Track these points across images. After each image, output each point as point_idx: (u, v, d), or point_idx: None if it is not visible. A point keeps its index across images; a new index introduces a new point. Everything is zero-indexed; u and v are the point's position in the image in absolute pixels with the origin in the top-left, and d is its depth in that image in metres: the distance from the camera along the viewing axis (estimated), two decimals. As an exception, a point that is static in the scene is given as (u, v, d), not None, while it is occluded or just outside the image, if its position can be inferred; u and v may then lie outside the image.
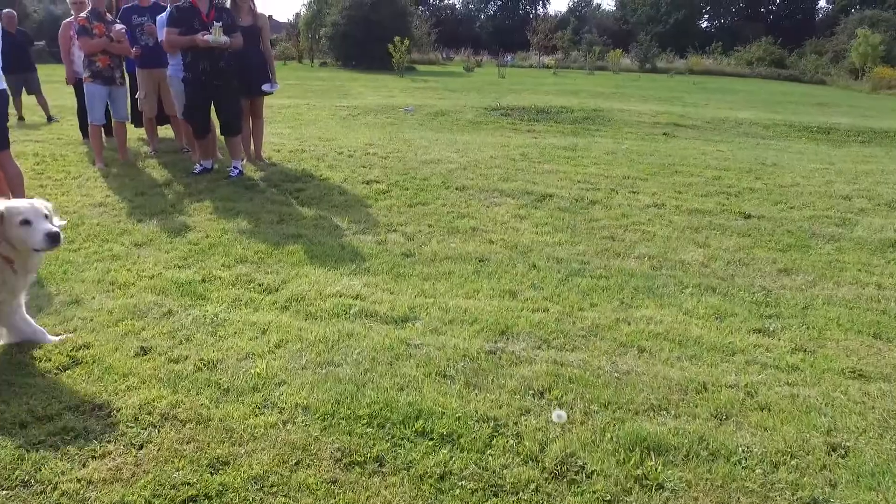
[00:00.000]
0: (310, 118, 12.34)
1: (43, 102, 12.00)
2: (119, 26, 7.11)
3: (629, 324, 3.62)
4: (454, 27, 65.93)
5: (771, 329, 3.68)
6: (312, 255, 4.68)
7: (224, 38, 6.38)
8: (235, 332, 3.44)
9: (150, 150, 8.26)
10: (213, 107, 6.86)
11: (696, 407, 2.75)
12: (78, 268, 4.41)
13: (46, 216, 3.04)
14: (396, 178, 6.94)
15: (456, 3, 71.91)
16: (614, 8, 71.13)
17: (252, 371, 3.03)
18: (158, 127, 8.57)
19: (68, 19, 8.71)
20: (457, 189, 6.55)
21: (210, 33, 6.33)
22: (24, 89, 11.74)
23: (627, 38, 59.65)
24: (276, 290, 4.04)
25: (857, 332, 3.71)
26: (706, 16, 63.76)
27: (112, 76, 7.27)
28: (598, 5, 73.01)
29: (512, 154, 8.43)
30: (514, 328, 3.50)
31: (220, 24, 6.36)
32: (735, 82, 36.77)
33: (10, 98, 6.43)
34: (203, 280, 4.19)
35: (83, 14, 7.15)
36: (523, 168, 7.55)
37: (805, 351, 3.42)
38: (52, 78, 13.18)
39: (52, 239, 2.96)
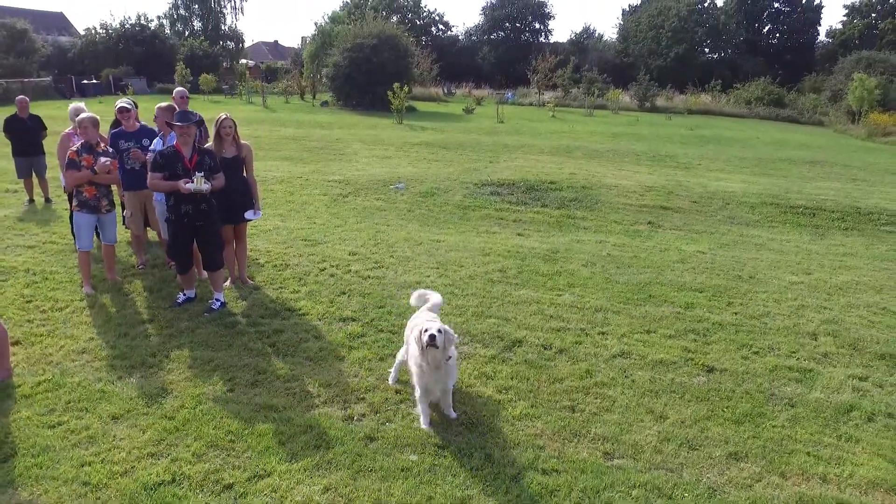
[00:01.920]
0: (300, 201, 12.60)
1: (44, 185, 12.35)
2: (104, 159, 7.36)
3: (568, 558, 3.79)
4: (457, 59, 66.66)
5: (706, 558, 3.85)
6: (280, 440, 4.87)
7: (205, 186, 6.63)
8: (192, 569, 3.62)
9: (138, 264, 8.50)
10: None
11: None
12: (54, 458, 4.61)
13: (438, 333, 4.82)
14: (373, 313, 7.15)
15: (459, 34, 72.70)
16: (616, 39, 71.78)
17: None
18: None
19: (68, 130, 9.01)
20: (430, 331, 6.73)
21: (192, 181, 6.57)
22: (34, 172, 12.09)
23: (628, 72, 60.32)
24: (241, 497, 4.23)
25: (790, 560, 3.87)
26: (706, 49, 64.27)
27: (98, 205, 7.52)
28: (601, 36, 73.64)
29: (491, 271, 8.65)
30: (457, 567, 3.68)
31: (202, 173, 6.61)
32: (732, 126, 37.12)
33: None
34: (173, 481, 4.39)
35: (74, 147, 7.42)
36: (498, 297, 7.75)
37: None
38: (59, 111, 13.23)
39: None
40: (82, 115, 7.52)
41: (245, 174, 7.76)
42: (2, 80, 35.11)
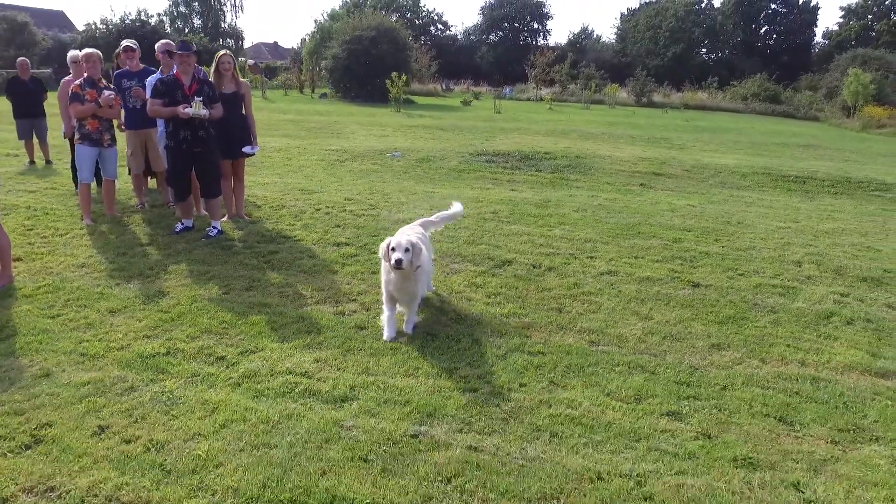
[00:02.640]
0: (298, 164, 12.75)
1: (45, 147, 12.46)
2: (108, 93, 7.52)
3: (550, 406, 3.94)
4: (455, 58, 66.88)
5: (683, 412, 4.00)
6: (273, 326, 5.02)
7: (204, 111, 6.79)
8: (187, 411, 3.77)
9: (137, 204, 8.64)
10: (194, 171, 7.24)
11: (585, 496, 3.07)
12: (53, 337, 4.75)
13: (407, 249, 4.72)
14: (366, 240, 7.30)
15: (457, 34, 73.02)
16: (614, 40, 72.13)
17: (195, 452, 3.36)
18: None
19: (68, 77, 9.18)
20: (422, 252, 6.89)
21: (190, 106, 6.74)
22: (34, 134, 12.20)
23: (626, 71, 60.51)
24: (233, 365, 4.37)
25: (765, 416, 4.02)
26: (704, 49, 64.56)
27: (100, 139, 7.67)
28: (599, 37, 73.97)
29: (484, 212, 8.80)
30: (442, 410, 3.83)
31: (201, 98, 6.77)
32: (728, 119, 37.32)
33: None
34: (167, 353, 4.53)
35: (77, 81, 7.57)
36: (490, 230, 7.91)
37: (708, 437, 3.73)
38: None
39: None
40: (88, 50, 7.69)
41: (244, 111, 7.90)
42: (2, 71, 35.27)
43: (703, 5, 66.33)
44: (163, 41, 8.21)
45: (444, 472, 3.23)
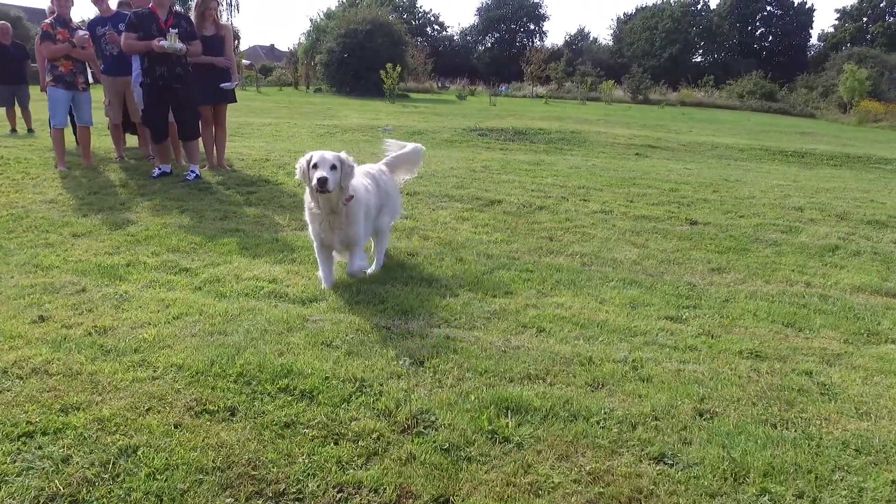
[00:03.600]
0: (288, 134, 12.45)
1: (27, 115, 12.10)
2: (82, 32, 7.21)
3: (537, 308, 3.63)
4: (451, 58, 66.78)
5: (683, 317, 3.69)
6: (245, 246, 4.71)
7: (180, 45, 6.48)
8: (139, 307, 3.45)
9: (115, 156, 8.31)
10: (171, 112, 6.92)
11: (574, 377, 2.75)
12: (8, 253, 4.43)
13: (333, 166, 3.64)
14: (350, 183, 6.97)
15: (454, 35, 72.89)
16: (611, 42, 72.10)
17: (140, 337, 3.04)
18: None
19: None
20: (407, 194, 6.58)
21: (166, 39, 6.42)
22: (16, 101, 11.85)
23: (622, 71, 60.43)
24: (196, 275, 4.05)
25: (771, 322, 3.71)
26: (700, 51, 64.51)
27: (74, 81, 7.35)
28: (595, 39, 73.93)
29: (474, 166, 8.50)
30: (419, 309, 3.51)
31: (177, 31, 6.46)
32: (724, 114, 37.15)
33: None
34: (127, 265, 4.21)
35: (48, 20, 7.26)
36: (481, 178, 7.60)
37: (710, 335, 3.42)
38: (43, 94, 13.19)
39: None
40: (58, -13, 7.37)
41: (225, 54, 7.58)
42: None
43: (699, 7, 66.32)
44: None
45: (416, 355, 2.91)
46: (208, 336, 3.05)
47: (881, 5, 65.25)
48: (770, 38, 68.54)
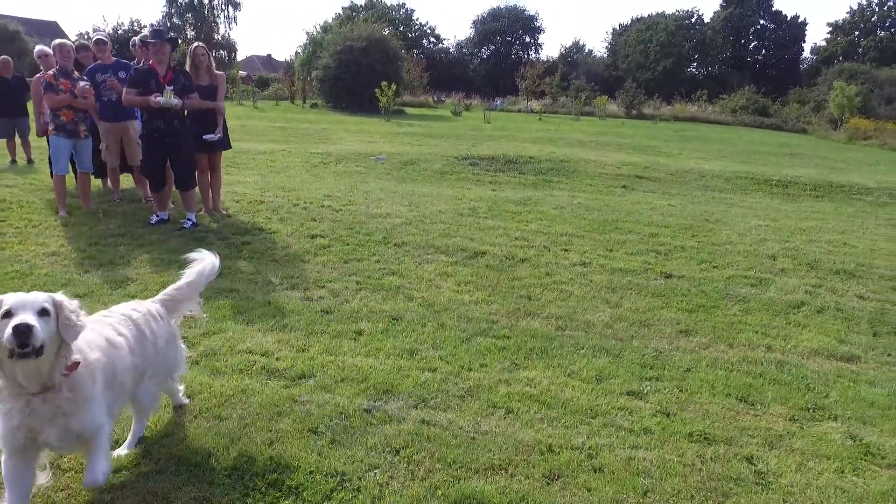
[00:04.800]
0: (281, 165, 12.73)
1: (27, 146, 12.39)
2: (83, 83, 7.50)
3: (509, 385, 3.91)
4: (447, 70, 67.19)
5: (644, 392, 3.97)
6: (238, 310, 4.98)
7: (175, 101, 6.77)
8: (141, 387, 3.71)
9: (114, 198, 8.59)
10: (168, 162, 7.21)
11: (533, 468, 3.03)
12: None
13: (44, 311, 2.31)
14: (342, 232, 7.27)
15: (450, 47, 73.37)
16: (605, 55, 72.60)
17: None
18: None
19: (39, 74, 9.13)
20: (395, 245, 6.88)
21: (162, 96, 6.72)
22: (16, 133, 12.15)
23: (616, 84, 60.92)
24: (194, 345, 4.32)
25: (726, 396, 4.00)
26: (694, 64, 65.00)
27: (76, 129, 7.63)
28: (590, 52, 74.45)
29: (461, 208, 8.80)
30: (399, 387, 3.79)
31: (172, 87, 6.76)
32: (716, 130, 37.56)
33: None
34: (127, 334, 4.48)
35: (50, 71, 7.54)
36: (467, 224, 7.89)
37: (666, 414, 3.71)
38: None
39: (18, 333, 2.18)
40: (60, 40, 7.67)
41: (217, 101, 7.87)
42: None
43: (692, 20, 66.88)
44: (141, 34, 8.18)
45: (393, 443, 3.19)
46: (205, 422, 3.32)
47: (872, 19, 65.91)
48: (763, 51, 69.14)
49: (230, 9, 63.39)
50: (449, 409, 3.60)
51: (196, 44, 7.71)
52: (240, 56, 74.77)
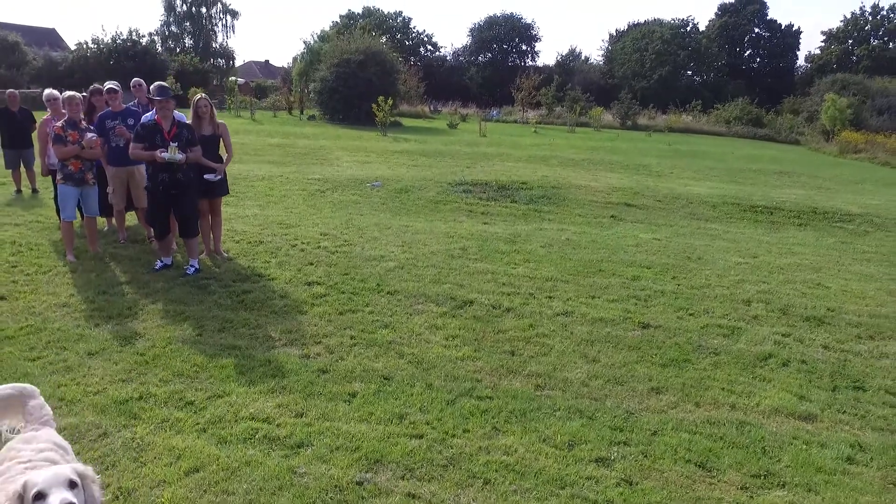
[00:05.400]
0: (280, 194, 13.11)
1: (32, 175, 12.80)
2: (91, 135, 7.87)
3: (488, 452, 4.29)
4: (444, 78, 67.62)
5: (612, 458, 4.35)
6: (241, 370, 5.36)
7: (179, 156, 7.16)
8: (155, 458, 4.09)
9: (119, 238, 8.97)
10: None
11: (506, 545, 3.41)
12: (34, 381, 5.06)
13: (73, 484, 2.49)
14: (337, 279, 7.65)
15: (447, 55, 73.80)
16: (602, 62, 73.02)
17: (160, 500, 3.68)
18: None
19: (46, 116, 9.55)
20: (388, 293, 7.26)
21: (166, 151, 7.11)
22: (21, 163, 12.56)
23: (613, 93, 61.41)
24: (201, 410, 4.70)
25: (686, 462, 4.38)
26: (689, 72, 65.46)
27: (83, 178, 8.00)
28: (587, 59, 74.93)
29: (453, 248, 9.18)
30: (389, 456, 4.17)
31: (176, 144, 7.15)
32: (710, 142, 38.03)
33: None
34: (140, 398, 4.86)
35: (59, 123, 7.92)
36: (457, 268, 8.27)
37: (630, 483, 4.09)
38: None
39: None
40: (69, 93, 8.04)
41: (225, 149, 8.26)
42: (-7, 90, 35.49)
43: (688, 29, 67.40)
44: (155, 85, 8.51)
45: (382, 518, 3.57)
46: (215, 497, 3.70)
47: (866, 28, 66.50)
48: (758, 59, 69.69)
49: (228, 17, 63.79)
50: (433, 479, 3.97)
51: (200, 96, 8.08)
52: (238, 62, 75.22)
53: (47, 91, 9.61)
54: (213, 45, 62.81)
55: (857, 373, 6.01)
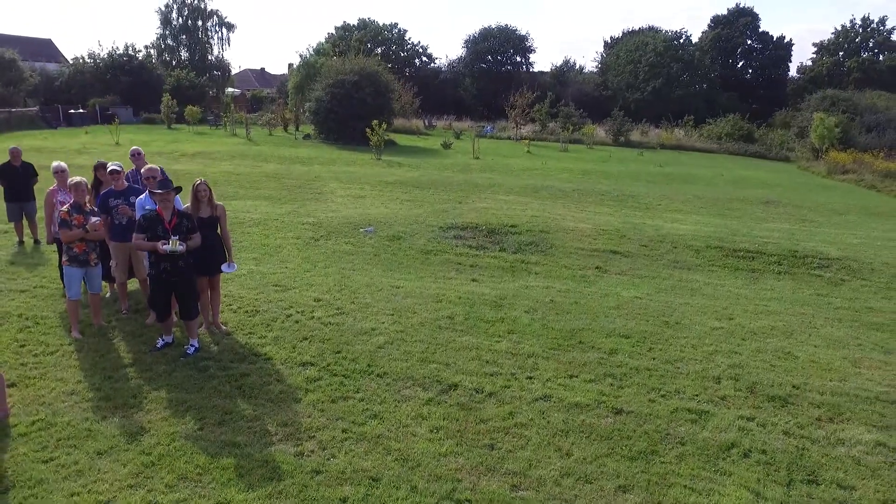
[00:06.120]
0: (275, 244, 13.54)
1: (34, 226, 13.25)
2: (95, 219, 8.30)
3: (465, 572, 4.73)
4: (439, 90, 68.13)
5: (577, 572, 4.80)
6: (241, 472, 5.79)
7: (180, 248, 7.61)
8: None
9: (121, 309, 9.40)
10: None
11: None
12: (47, 489, 5.50)
13: None
14: (330, 358, 8.09)
15: (441, 67, 74.26)
16: (597, 68, 73.50)
17: None
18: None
19: (52, 188, 9.98)
20: (378, 375, 7.71)
21: (168, 243, 7.55)
22: (23, 215, 13.00)
23: (607, 105, 62.02)
24: (202, 522, 5.14)
25: (646, 573, 4.83)
26: (682, 83, 65.99)
27: (87, 259, 8.44)
28: (581, 68, 75.51)
29: (440, 317, 9.62)
30: (374, 579, 4.61)
31: (177, 237, 7.59)
32: (701, 161, 38.60)
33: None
34: (145, 507, 5.29)
35: (64, 208, 8.34)
36: (444, 342, 8.71)
37: None
38: (46, 142, 13.73)
39: None
40: (76, 179, 8.46)
41: (220, 232, 8.68)
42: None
43: (681, 41, 68.01)
44: (144, 172, 8.91)
45: None
46: None
47: (856, 40, 67.23)
48: (750, 71, 70.36)
49: (224, 30, 64.15)
50: None
51: (199, 181, 8.50)
52: (233, 71, 75.55)
53: (55, 164, 10.06)
54: (209, 58, 63.18)
55: (813, 463, 6.47)
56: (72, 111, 44.21)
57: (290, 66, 68.71)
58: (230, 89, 58.60)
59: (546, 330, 9.41)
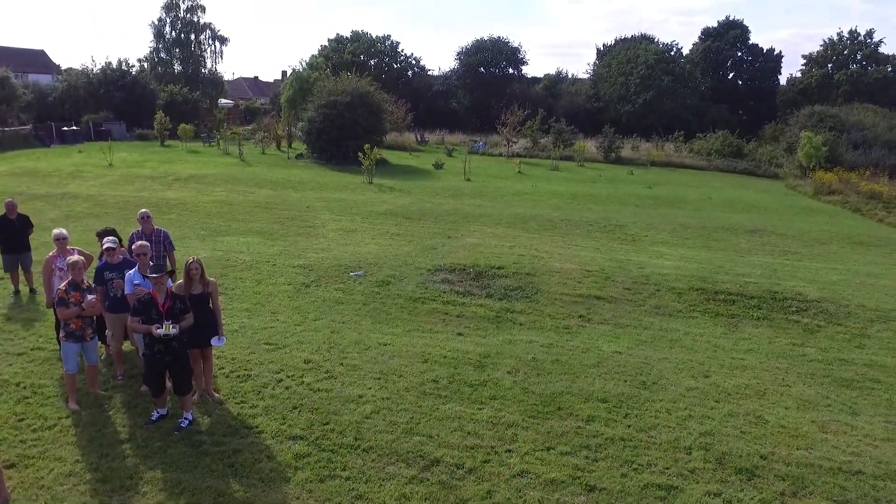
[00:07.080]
0: (266, 292, 13.86)
1: (30, 276, 13.55)
2: (91, 296, 8.63)
3: None
4: (432, 102, 68.57)
5: None
6: (229, 566, 6.14)
7: (174, 331, 7.97)
8: None
9: (117, 376, 9.73)
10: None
11: None
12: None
13: None
14: (318, 432, 8.43)
15: (434, 79, 74.65)
16: (589, 83, 74.00)
17: None
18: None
19: (52, 254, 10.30)
20: (364, 451, 8.06)
21: (161, 328, 7.91)
22: (19, 265, 13.31)
23: (598, 117, 62.59)
24: None
25: None
26: (673, 97, 66.55)
27: (83, 335, 8.77)
28: (574, 78, 76.07)
29: (425, 381, 9.97)
30: None
31: (171, 321, 7.95)
32: (690, 180, 39.09)
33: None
34: None
35: (62, 286, 8.67)
36: (427, 411, 9.06)
37: None
38: (38, 162, 14.13)
39: None
40: (74, 258, 8.78)
41: (211, 306, 9.03)
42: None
43: (672, 53, 68.63)
44: (142, 243, 9.25)
45: None
46: None
47: (845, 52, 67.94)
48: (740, 83, 71.02)
49: (217, 44, 64.42)
50: None
51: (191, 259, 8.84)
52: (226, 77, 75.81)
53: (56, 231, 10.40)
54: (203, 71, 63.45)
55: (774, 545, 6.84)
56: (65, 129, 44.38)
57: (284, 73, 69.05)
58: (223, 101, 58.77)
59: (527, 395, 9.78)
